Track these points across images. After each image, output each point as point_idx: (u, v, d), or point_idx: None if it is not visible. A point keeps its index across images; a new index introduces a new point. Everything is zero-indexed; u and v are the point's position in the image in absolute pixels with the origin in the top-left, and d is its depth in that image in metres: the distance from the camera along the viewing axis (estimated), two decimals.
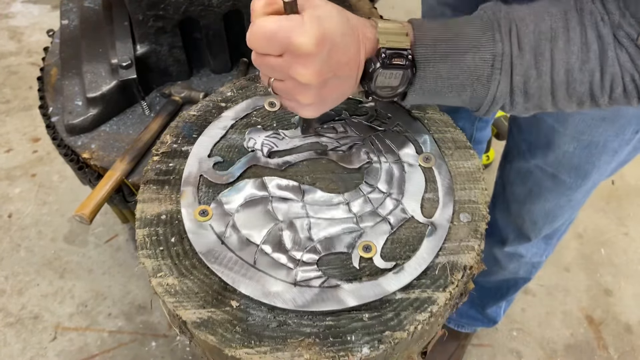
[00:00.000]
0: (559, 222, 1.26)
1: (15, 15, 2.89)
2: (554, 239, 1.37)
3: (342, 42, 0.64)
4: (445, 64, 0.69)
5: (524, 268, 1.45)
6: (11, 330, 1.79)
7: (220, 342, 0.66)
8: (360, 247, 0.75)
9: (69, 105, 1.27)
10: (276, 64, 0.64)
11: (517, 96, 0.69)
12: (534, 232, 1.29)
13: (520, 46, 0.67)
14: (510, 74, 0.68)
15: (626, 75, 0.65)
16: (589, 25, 0.65)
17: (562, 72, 0.66)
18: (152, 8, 1.20)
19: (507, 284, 1.55)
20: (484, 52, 0.68)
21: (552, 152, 1.07)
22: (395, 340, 0.68)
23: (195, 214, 0.77)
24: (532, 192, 1.19)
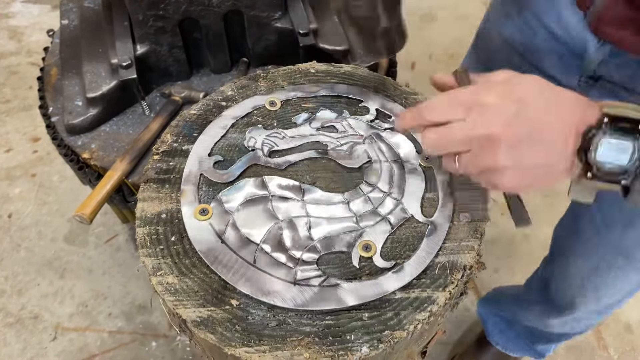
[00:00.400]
0: (624, 295, 1.18)
1: (15, 15, 2.89)
2: (616, 307, 1.27)
3: (538, 99, 0.59)
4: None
5: (578, 328, 1.39)
6: (11, 331, 1.79)
7: (220, 341, 0.66)
8: (360, 246, 0.75)
9: (69, 105, 1.27)
10: (459, 126, 0.60)
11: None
12: (595, 304, 1.20)
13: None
14: None
15: None
16: None
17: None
18: (152, 8, 1.20)
19: (559, 335, 1.50)
20: None
21: (632, 230, 0.97)
22: (395, 339, 0.68)
23: (195, 212, 0.77)
24: (598, 268, 1.09)
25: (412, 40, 0.88)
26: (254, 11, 1.28)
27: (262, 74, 0.98)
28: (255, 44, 1.36)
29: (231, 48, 1.38)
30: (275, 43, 1.36)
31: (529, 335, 1.61)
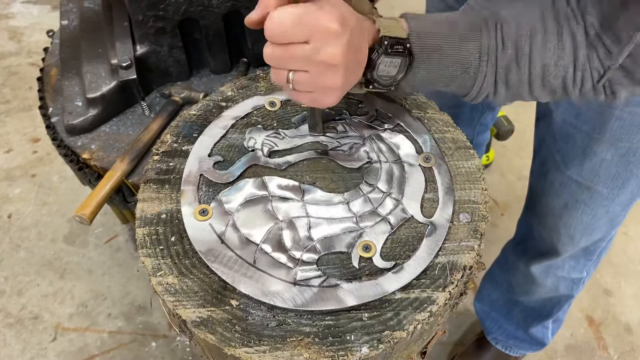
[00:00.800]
0: (597, 236, 1.24)
1: (15, 16, 2.89)
2: (594, 255, 1.33)
3: (356, 26, 0.67)
4: (438, 55, 0.74)
5: (563, 284, 1.42)
6: (11, 331, 1.79)
7: (219, 341, 0.66)
8: (360, 246, 0.75)
9: (68, 105, 1.27)
10: (301, 51, 0.64)
11: (500, 87, 0.75)
12: (571, 245, 1.26)
13: (504, 42, 0.72)
14: (495, 67, 0.73)
15: (595, 73, 0.70)
16: (565, 25, 0.70)
17: (538, 67, 0.72)
18: (152, 8, 1.20)
19: (551, 303, 1.53)
20: (473, 46, 0.73)
21: (588, 160, 1.05)
22: (395, 339, 0.68)
23: (195, 213, 0.77)
24: (567, 205, 1.17)
25: None
26: None
27: (262, 75, 0.98)
28: (255, 44, 1.36)
29: (231, 48, 1.38)
30: None
31: (524, 321, 1.62)
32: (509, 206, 2.19)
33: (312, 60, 0.65)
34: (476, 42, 0.73)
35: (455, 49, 0.74)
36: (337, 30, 0.63)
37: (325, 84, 0.68)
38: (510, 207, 2.19)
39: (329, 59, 0.64)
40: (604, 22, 0.68)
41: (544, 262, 1.36)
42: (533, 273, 1.42)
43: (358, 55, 0.70)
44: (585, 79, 0.71)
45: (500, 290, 1.64)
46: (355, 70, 0.71)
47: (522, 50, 0.72)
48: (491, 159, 2.30)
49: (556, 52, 0.71)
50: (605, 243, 1.31)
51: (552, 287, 1.44)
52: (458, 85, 0.77)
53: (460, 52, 0.74)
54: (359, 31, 0.69)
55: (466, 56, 0.74)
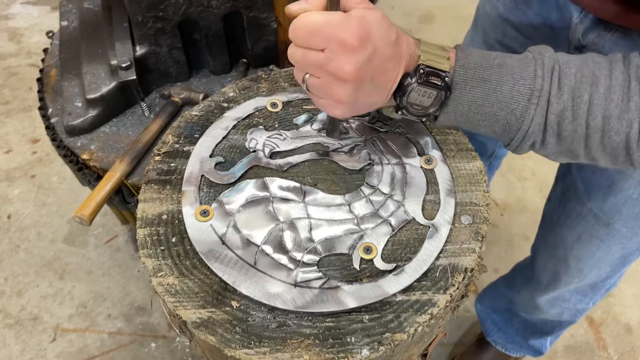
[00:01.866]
0: (607, 271, 1.20)
1: (14, 17, 2.89)
2: (602, 290, 1.30)
3: (384, 49, 0.65)
4: (481, 90, 0.69)
5: (567, 312, 1.41)
6: (10, 332, 1.79)
7: (220, 343, 0.66)
8: (361, 248, 0.75)
9: (68, 106, 1.27)
10: (317, 58, 0.64)
11: (550, 136, 0.69)
12: (578, 278, 1.23)
13: (560, 85, 0.66)
14: (546, 112, 0.67)
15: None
16: (634, 76, 0.64)
17: (599, 118, 0.65)
18: (151, 9, 1.20)
19: (552, 324, 1.52)
20: (522, 85, 0.67)
21: (612, 195, 1.01)
22: (395, 342, 0.68)
23: (196, 214, 0.77)
24: (581, 238, 1.14)
25: None
26: (254, 12, 1.28)
27: (264, 75, 0.98)
28: (255, 45, 1.36)
29: (231, 49, 1.38)
30: (274, 44, 1.36)
31: (524, 331, 1.62)
32: (509, 206, 2.19)
33: (323, 68, 0.64)
34: (527, 80, 0.68)
35: (501, 85, 0.68)
36: (353, 46, 0.61)
37: (332, 95, 0.67)
38: (510, 207, 2.19)
39: (338, 72, 0.63)
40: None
41: (550, 294, 1.34)
42: (537, 302, 1.40)
43: (379, 76, 0.67)
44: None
45: (502, 302, 1.64)
46: (371, 90, 0.68)
47: (581, 98, 0.66)
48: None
49: (620, 105, 0.64)
50: (614, 280, 1.27)
51: (555, 315, 1.43)
52: (502, 129, 0.71)
53: (508, 88, 0.68)
54: (390, 52, 0.66)
55: (513, 95, 0.68)
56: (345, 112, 0.70)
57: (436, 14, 2.99)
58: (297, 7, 0.65)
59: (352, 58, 0.62)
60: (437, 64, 0.69)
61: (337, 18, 0.62)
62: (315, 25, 0.62)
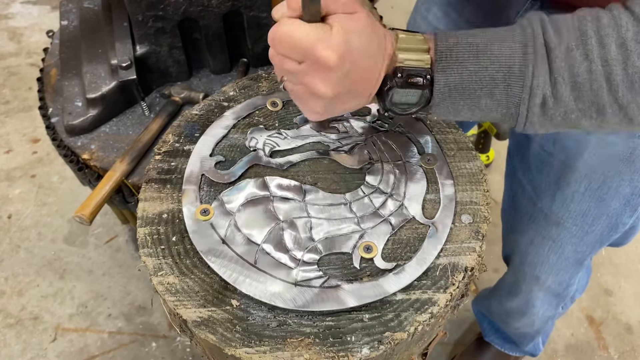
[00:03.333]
0: (564, 277, 1.20)
1: (14, 16, 2.89)
2: (566, 298, 1.30)
3: (364, 61, 0.62)
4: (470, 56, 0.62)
5: (538, 322, 1.41)
6: (11, 332, 1.79)
7: (220, 341, 0.66)
8: (361, 247, 0.75)
9: (68, 106, 1.27)
10: (294, 69, 0.62)
11: (562, 86, 0.59)
12: (536, 285, 1.23)
13: (556, 28, 0.60)
14: (547, 58, 0.59)
15: None
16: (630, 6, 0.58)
17: (613, 47, 0.57)
18: (151, 9, 1.20)
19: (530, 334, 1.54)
20: (512, 39, 0.61)
21: (560, 192, 1.01)
22: (395, 341, 0.68)
23: (196, 213, 0.77)
24: (533, 241, 1.14)
25: None
26: (254, 12, 1.28)
27: (264, 75, 0.98)
28: (255, 44, 1.36)
29: (231, 49, 1.38)
30: None
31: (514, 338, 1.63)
32: None
33: (298, 79, 0.63)
34: (515, 33, 0.61)
35: (491, 44, 0.62)
36: (329, 66, 0.59)
37: (307, 103, 0.66)
38: None
39: (313, 88, 0.62)
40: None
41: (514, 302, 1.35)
42: (508, 309, 1.41)
43: (357, 86, 0.64)
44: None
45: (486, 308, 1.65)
46: (349, 99, 0.66)
47: (585, 33, 0.58)
48: (491, 159, 2.30)
49: (632, 27, 0.56)
50: (575, 286, 1.27)
51: (527, 323, 1.44)
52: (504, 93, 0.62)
53: (497, 47, 0.61)
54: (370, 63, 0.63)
55: (504, 50, 0.61)
56: (320, 118, 0.70)
57: None
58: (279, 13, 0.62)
59: (327, 76, 0.60)
60: (416, 62, 0.64)
61: (316, 33, 0.58)
62: (293, 38, 0.59)
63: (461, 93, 0.64)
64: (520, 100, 0.62)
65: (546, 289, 1.24)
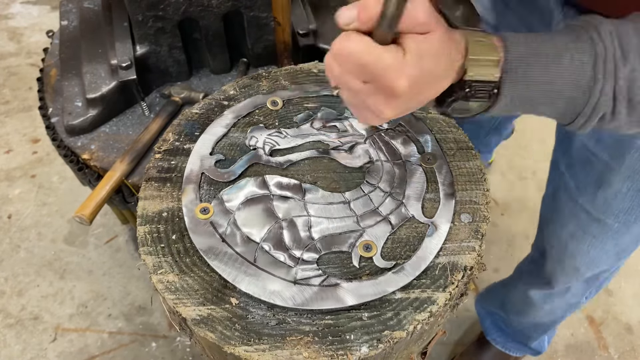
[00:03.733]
0: (602, 268, 1.20)
1: (14, 16, 2.89)
2: (597, 283, 1.30)
3: (433, 82, 0.61)
4: (539, 68, 0.62)
5: (560, 309, 1.41)
6: (11, 332, 1.79)
7: (219, 340, 0.66)
8: (361, 246, 0.75)
9: (68, 106, 1.27)
10: (357, 87, 0.60)
11: (620, 104, 0.60)
12: (574, 277, 1.23)
13: (623, 46, 0.59)
14: (614, 77, 0.59)
15: None
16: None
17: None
18: (151, 9, 1.20)
19: (544, 326, 1.53)
20: (582, 53, 0.60)
21: (602, 191, 1.00)
22: (394, 339, 0.68)
23: (196, 211, 0.77)
24: (574, 235, 1.13)
25: None
26: (254, 12, 1.28)
27: (265, 74, 0.98)
28: (255, 44, 1.36)
29: (231, 48, 1.38)
30: (274, 43, 1.36)
31: (521, 333, 1.63)
32: (509, 206, 2.19)
33: (360, 97, 0.61)
34: (586, 48, 0.60)
35: (561, 57, 0.61)
36: (399, 93, 0.57)
37: (364, 116, 0.65)
38: (510, 207, 2.19)
39: (376, 109, 0.61)
40: None
41: (544, 290, 1.35)
42: (531, 297, 1.40)
43: (419, 103, 0.63)
44: None
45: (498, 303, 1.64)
46: (410, 109, 0.64)
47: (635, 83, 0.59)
48: (491, 159, 2.30)
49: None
50: (609, 274, 1.27)
51: (548, 311, 1.43)
52: (565, 105, 0.63)
53: (567, 60, 0.60)
54: (437, 84, 0.62)
55: (575, 65, 0.60)
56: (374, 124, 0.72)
57: None
58: (346, 20, 0.57)
59: (394, 102, 0.59)
60: (486, 76, 0.62)
61: (389, 59, 0.56)
62: (363, 60, 0.56)
63: (522, 102, 0.65)
64: (580, 113, 0.63)
65: (585, 280, 1.25)
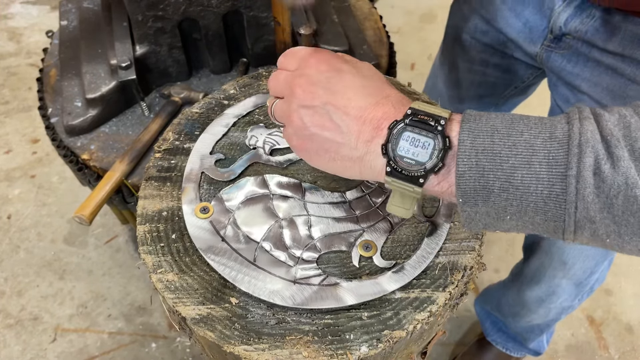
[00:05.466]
0: (590, 264, 1.22)
1: (14, 16, 2.89)
2: (587, 287, 1.32)
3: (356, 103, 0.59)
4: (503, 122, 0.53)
5: (554, 312, 1.43)
6: (11, 332, 1.79)
7: (219, 339, 0.66)
8: (360, 245, 0.75)
9: (68, 106, 1.27)
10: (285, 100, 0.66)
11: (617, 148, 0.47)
12: (562, 271, 1.25)
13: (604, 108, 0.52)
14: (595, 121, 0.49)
15: None
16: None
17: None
18: (151, 8, 1.20)
19: (540, 327, 1.54)
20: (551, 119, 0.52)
21: None
22: (394, 339, 0.68)
23: (196, 210, 0.77)
24: None
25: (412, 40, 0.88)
26: (254, 11, 1.28)
27: (265, 73, 0.98)
28: (255, 44, 1.36)
29: (230, 48, 1.38)
30: (274, 43, 1.36)
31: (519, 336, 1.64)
32: None
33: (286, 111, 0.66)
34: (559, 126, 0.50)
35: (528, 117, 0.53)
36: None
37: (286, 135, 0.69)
38: None
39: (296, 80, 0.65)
40: None
41: (536, 290, 1.36)
42: (526, 299, 1.42)
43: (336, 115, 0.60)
44: None
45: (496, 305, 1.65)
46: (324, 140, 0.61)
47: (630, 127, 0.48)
48: None
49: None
50: (598, 275, 1.29)
51: (542, 315, 1.44)
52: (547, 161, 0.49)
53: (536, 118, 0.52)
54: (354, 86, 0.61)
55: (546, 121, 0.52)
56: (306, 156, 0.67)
57: (437, 13, 2.99)
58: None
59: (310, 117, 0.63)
60: (432, 110, 0.57)
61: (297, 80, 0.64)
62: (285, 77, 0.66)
63: (491, 158, 0.51)
64: (566, 166, 0.48)
65: (571, 276, 1.26)
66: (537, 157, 0.49)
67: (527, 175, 0.50)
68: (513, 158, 0.50)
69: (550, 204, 0.49)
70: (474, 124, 0.53)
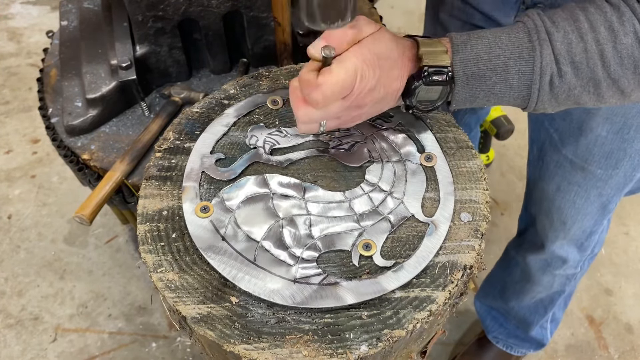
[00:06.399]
0: (589, 223, 1.24)
1: (14, 17, 2.90)
2: (588, 250, 1.34)
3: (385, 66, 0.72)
4: (482, 47, 0.72)
5: (558, 281, 1.44)
6: (11, 332, 1.79)
7: (219, 338, 0.66)
8: (360, 245, 0.75)
9: (68, 106, 1.27)
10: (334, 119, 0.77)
11: (564, 65, 0.69)
12: (562, 231, 1.27)
13: (552, 19, 0.70)
14: (550, 42, 0.69)
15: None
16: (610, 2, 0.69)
17: (602, 29, 0.68)
18: (151, 9, 1.21)
19: (542, 303, 1.54)
20: (517, 31, 0.71)
21: (584, 137, 1.06)
22: (394, 338, 0.68)
23: (196, 210, 0.77)
24: (560, 187, 1.18)
25: None
26: (254, 12, 1.28)
27: (265, 73, 0.98)
28: (255, 44, 1.36)
29: (230, 48, 1.38)
30: (274, 43, 1.37)
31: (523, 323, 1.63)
32: (509, 206, 2.19)
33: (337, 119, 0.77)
34: (518, 26, 0.72)
35: (499, 36, 0.72)
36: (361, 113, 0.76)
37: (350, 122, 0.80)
38: (510, 207, 2.19)
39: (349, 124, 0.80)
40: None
41: (540, 255, 1.37)
42: (530, 268, 1.42)
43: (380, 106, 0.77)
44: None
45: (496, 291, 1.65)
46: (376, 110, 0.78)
47: (578, 20, 0.69)
48: (491, 159, 2.30)
49: (615, 13, 0.68)
50: (597, 236, 1.31)
51: (547, 285, 1.45)
52: (516, 77, 0.72)
53: (505, 38, 0.72)
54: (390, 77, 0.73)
55: (513, 40, 0.71)
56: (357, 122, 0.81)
57: None
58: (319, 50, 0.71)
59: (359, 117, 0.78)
60: (439, 61, 0.73)
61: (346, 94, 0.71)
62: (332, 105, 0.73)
63: (478, 80, 0.73)
64: (531, 81, 0.71)
65: (571, 237, 1.28)
66: (511, 74, 0.72)
67: (504, 87, 0.73)
68: (494, 77, 0.72)
69: (518, 100, 0.75)
70: (462, 55, 0.73)
